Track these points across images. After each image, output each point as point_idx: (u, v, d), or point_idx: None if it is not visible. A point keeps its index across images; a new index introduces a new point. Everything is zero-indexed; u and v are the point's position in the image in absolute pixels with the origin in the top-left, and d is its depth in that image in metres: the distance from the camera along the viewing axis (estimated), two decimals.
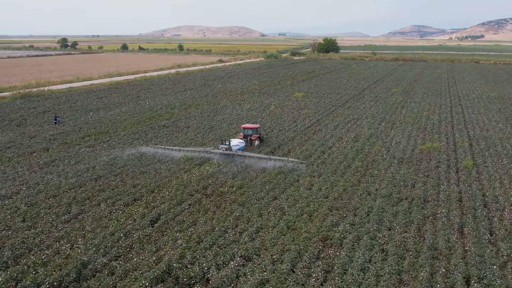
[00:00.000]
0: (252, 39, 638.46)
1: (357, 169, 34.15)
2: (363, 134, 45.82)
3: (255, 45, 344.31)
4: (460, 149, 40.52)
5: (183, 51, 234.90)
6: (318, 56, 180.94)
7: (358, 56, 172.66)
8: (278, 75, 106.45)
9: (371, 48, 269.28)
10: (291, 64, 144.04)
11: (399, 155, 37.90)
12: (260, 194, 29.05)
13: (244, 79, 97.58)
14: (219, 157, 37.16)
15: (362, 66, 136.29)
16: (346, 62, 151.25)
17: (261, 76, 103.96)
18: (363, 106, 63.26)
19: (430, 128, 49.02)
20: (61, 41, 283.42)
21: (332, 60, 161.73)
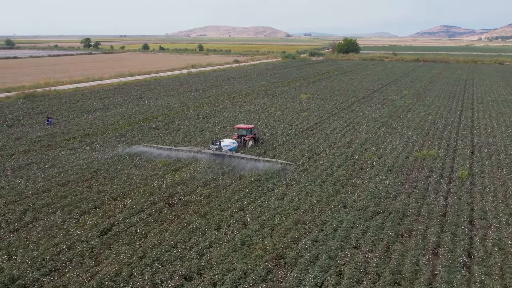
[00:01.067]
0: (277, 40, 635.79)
1: (339, 178, 31.93)
2: (358, 140, 43.43)
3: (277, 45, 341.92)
4: (459, 156, 37.79)
5: (203, 51, 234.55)
6: (337, 56, 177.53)
7: (378, 57, 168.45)
8: (290, 76, 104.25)
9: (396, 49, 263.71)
10: (307, 64, 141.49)
11: (390, 163, 35.44)
12: (227, 204, 27.21)
13: (254, 80, 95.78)
14: (209, 158, 36.47)
15: (380, 67, 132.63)
16: (363, 63, 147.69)
17: (272, 77, 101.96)
18: (368, 109, 60.61)
19: (432, 134, 46.20)
20: (85, 41, 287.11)
21: (350, 61, 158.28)
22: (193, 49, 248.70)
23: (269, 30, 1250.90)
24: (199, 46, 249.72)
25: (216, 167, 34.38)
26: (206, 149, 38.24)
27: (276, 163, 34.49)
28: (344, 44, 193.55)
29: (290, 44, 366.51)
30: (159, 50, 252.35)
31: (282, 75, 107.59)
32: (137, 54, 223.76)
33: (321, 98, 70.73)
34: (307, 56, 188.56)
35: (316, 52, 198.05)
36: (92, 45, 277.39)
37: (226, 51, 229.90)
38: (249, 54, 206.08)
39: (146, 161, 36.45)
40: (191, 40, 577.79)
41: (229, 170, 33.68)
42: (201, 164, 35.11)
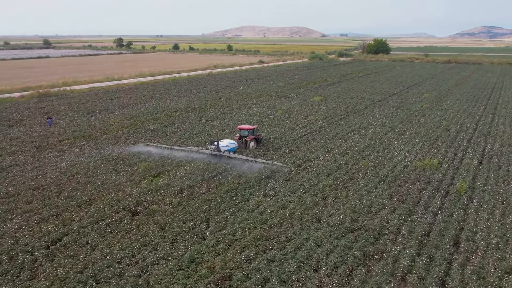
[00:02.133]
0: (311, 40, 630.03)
1: (323, 188, 29.66)
2: (358, 146, 40.87)
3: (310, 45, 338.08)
4: (464, 167, 34.77)
5: (231, 52, 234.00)
6: (366, 57, 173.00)
7: (408, 58, 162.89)
8: (310, 77, 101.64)
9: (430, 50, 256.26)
10: (332, 65, 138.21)
11: (384, 173, 32.87)
12: (192, 215, 25.50)
13: (272, 81, 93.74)
14: (207, 157, 36.35)
15: (407, 68, 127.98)
16: (391, 64, 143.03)
17: (291, 78, 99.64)
18: (380, 113, 57.64)
19: (442, 141, 43.07)
20: (117, 40, 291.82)
21: (378, 62, 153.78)
22: (223, 49, 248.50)
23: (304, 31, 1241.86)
24: (228, 46, 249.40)
25: (197, 173, 32.77)
26: (204, 149, 37.83)
27: (272, 165, 33.92)
28: (374, 44, 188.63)
29: (322, 45, 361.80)
30: (188, 50, 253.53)
31: (303, 76, 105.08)
32: (166, 54, 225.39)
33: (334, 100, 68.07)
34: (335, 57, 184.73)
35: (345, 53, 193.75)
36: (124, 45, 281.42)
37: (255, 51, 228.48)
38: (277, 54, 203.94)
39: (128, 165, 35.19)
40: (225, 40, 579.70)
41: (209, 177, 31.99)
42: (183, 170, 33.61)
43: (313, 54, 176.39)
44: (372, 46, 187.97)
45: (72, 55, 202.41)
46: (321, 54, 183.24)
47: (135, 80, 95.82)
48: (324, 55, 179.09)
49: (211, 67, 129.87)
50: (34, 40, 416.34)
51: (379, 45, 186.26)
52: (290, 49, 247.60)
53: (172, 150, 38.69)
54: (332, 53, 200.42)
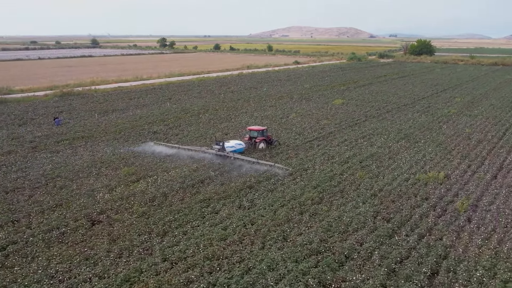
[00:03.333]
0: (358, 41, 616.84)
1: (305, 202, 27.23)
2: (362, 154, 37.92)
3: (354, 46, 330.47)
4: (474, 181, 31.27)
5: (271, 52, 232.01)
6: (407, 58, 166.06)
7: (452, 60, 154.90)
8: (341, 79, 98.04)
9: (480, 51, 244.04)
10: (369, 67, 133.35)
11: (379, 186, 29.98)
12: (151, 226, 23.81)
13: (299, 82, 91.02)
14: (212, 158, 36.31)
15: (448, 70, 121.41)
16: (432, 66, 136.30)
17: (320, 80, 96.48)
18: (401, 118, 53.99)
19: (458, 151, 39.33)
20: (160, 40, 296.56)
21: (419, 64, 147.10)
22: (263, 49, 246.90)
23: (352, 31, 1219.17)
24: (269, 47, 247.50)
25: (178, 180, 31.10)
26: (209, 149, 37.60)
27: (273, 167, 33.43)
28: (417, 45, 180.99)
29: (367, 46, 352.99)
30: (229, 50, 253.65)
31: (334, 78, 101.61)
32: (205, 54, 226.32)
33: (356, 104, 64.73)
34: (375, 58, 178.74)
35: (386, 54, 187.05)
36: (167, 45, 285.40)
37: (295, 52, 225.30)
38: (316, 55, 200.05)
39: (113, 169, 34.04)
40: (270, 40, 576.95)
41: (189, 185, 30.26)
42: (166, 176, 32.06)
43: (352, 55, 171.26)
44: (415, 47, 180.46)
45: (114, 54, 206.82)
46: (361, 55, 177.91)
47: (162, 80, 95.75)
48: (363, 56, 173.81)
49: (243, 67, 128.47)
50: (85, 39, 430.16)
51: (422, 46, 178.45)
52: (331, 50, 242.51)
53: (179, 150, 38.64)
54: (373, 54, 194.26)
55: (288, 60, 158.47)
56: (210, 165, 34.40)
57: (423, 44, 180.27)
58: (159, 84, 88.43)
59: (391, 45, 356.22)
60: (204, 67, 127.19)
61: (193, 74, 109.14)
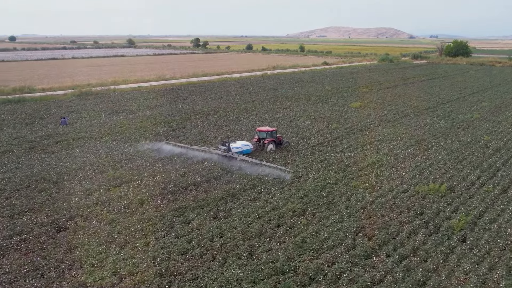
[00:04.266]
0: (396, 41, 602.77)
1: (285, 213, 25.38)
2: (364, 162, 35.61)
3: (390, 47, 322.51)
4: (480, 195, 28.54)
5: (303, 52, 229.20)
6: (442, 60, 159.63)
7: (489, 62, 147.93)
8: (364, 81, 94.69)
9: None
10: (399, 68, 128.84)
11: (372, 198, 27.77)
12: (115, 236, 22.58)
13: (322, 84, 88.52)
14: (218, 158, 35.84)
15: (482, 73, 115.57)
16: (466, 68, 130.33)
17: (344, 81, 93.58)
18: (417, 124, 51.01)
19: (470, 160, 36.40)
20: (194, 40, 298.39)
21: (453, 65, 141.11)
22: (295, 50, 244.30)
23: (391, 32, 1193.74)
24: (300, 47, 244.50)
25: (161, 185, 29.82)
26: (216, 149, 37.12)
27: (276, 169, 32.75)
28: (453, 46, 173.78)
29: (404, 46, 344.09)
30: (261, 50, 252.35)
31: (358, 79, 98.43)
32: (236, 54, 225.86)
33: (374, 107, 61.94)
34: (409, 59, 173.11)
35: (420, 55, 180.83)
36: (200, 45, 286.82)
37: (326, 53, 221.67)
38: (348, 56, 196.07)
39: (100, 172, 33.12)
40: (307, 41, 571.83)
41: (172, 190, 28.97)
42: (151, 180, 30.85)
43: (383, 56, 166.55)
44: (451, 48, 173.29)
45: (146, 54, 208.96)
46: (393, 56, 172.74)
47: (183, 81, 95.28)
48: (396, 57, 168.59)
49: (269, 68, 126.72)
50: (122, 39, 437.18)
51: (459, 47, 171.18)
52: (364, 51, 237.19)
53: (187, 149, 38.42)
54: (407, 56, 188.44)
55: (317, 61, 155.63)
56: (199, 170, 32.99)
57: (459, 45, 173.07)
58: (180, 85, 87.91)
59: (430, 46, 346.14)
60: (230, 68, 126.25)
61: (217, 75, 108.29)
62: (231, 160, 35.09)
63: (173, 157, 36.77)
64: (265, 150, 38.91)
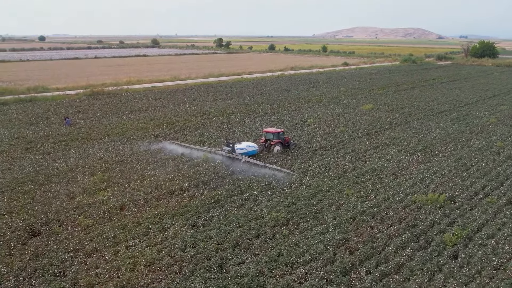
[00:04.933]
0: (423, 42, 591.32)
1: (267, 223, 24.11)
2: (363, 168, 33.98)
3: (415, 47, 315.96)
4: (482, 207, 26.65)
5: (325, 53, 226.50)
6: (467, 61, 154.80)
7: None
8: (383, 82, 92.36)
9: None
10: (421, 69, 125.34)
11: (363, 208, 26.23)
12: (85, 243, 21.74)
13: (337, 85, 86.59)
14: (222, 159, 35.42)
15: (507, 75, 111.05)
16: (491, 70, 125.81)
17: (361, 83, 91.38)
18: (429, 127, 48.88)
19: (477, 168, 34.33)
20: (217, 41, 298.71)
21: (478, 67, 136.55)
22: (317, 50, 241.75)
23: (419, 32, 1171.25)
24: (323, 47, 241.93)
25: (146, 190, 28.98)
26: (220, 150, 36.75)
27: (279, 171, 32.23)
28: (479, 47, 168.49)
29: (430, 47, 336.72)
30: (283, 51, 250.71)
31: (376, 81, 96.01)
32: (258, 54, 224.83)
33: (386, 110, 59.87)
34: (433, 60, 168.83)
35: (444, 56, 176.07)
36: (223, 45, 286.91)
37: (349, 53, 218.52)
38: (371, 56, 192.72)
39: (90, 174, 32.49)
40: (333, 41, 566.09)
41: (156, 195, 28.13)
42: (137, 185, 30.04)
43: (406, 57, 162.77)
44: (477, 49, 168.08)
45: (168, 54, 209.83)
46: (416, 57, 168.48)
47: (197, 81, 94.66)
48: (420, 58, 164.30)
49: (287, 68, 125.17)
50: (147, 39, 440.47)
51: (485, 47, 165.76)
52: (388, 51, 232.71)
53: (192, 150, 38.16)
54: (431, 56, 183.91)
55: (338, 61, 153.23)
56: (189, 175, 32.00)
57: (485, 45, 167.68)
58: (193, 85, 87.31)
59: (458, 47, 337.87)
60: (248, 68, 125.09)
61: (233, 75, 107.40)
62: (235, 162, 34.49)
63: (168, 159, 35.97)
64: (271, 151, 38.20)
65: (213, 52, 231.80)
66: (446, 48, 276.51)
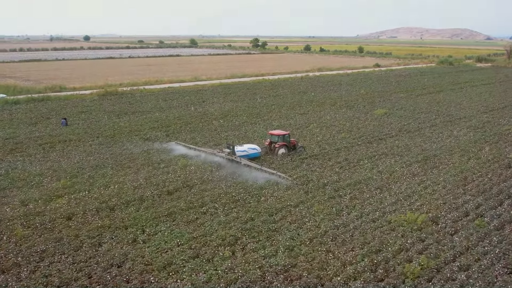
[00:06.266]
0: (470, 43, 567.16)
1: (211, 242, 21.86)
2: (347, 180, 31.06)
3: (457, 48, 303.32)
4: (467, 231, 23.36)
5: (361, 54, 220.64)
6: (508, 63, 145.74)
7: None
8: (407, 85, 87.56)
9: None
10: (456, 72, 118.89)
11: (327, 228, 23.51)
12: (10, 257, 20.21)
13: (358, 88, 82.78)
14: (223, 161, 34.80)
15: None
16: None
17: (386, 85, 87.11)
18: (441, 135, 45.05)
19: (478, 183, 30.69)
20: (253, 41, 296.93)
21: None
22: (353, 51, 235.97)
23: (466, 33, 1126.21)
24: (359, 48, 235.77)
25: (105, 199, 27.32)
26: (220, 152, 35.97)
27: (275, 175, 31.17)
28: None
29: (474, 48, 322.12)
30: (318, 51, 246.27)
31: (403, 83, 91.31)
32: (291, 55, 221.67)
33: (400, 115, 56.08)
34: (472, 62, 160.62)
35: (484, 57, 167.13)
36: (259, 45, 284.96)
37: (386, 54, 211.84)
38: (408, 57, 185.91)
39: (57, 179, 31.28)
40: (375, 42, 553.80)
41: (112, 205, 26.40)
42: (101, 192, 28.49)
43: (443, 59, 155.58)
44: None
45: (201, 54, 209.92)
46: (454, 58, 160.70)
47: (216, 82, 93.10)
48: (458, 60, 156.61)
49: (313, 70, 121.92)
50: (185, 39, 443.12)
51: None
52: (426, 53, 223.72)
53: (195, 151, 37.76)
54: (471, 58, 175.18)
55: (370, 63, 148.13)
56: (158, 183, 30.17)
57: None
58: (210, 86, 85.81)
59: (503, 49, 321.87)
60: (273, 69, 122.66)
61: (255, 76, 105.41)
62: (234, 164, 33.84)
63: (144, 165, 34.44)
64: (276, 154, 36.89)
65: (246, 53, 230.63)
66: (491, 50, 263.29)
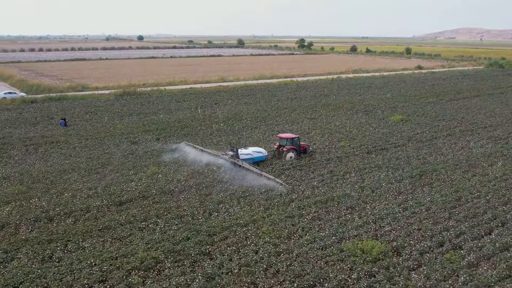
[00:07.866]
0: None
1: (126, 264, 19.63)
2: (317, 197, 27.93)
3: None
4: (433, 266, 19.87)
5: (408, 55, 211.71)
6: None
7: None
8: (442, 89, 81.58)
9: None
10: (502, 75, 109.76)
11: (261, 256, 20.69)
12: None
13: (384, 91, 77.90)
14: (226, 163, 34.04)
15: None
16: None
17: (417, 89, 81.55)
18: (452, 147, 40.52)
19: (470, 206, 26.63)
20: (299, 41, 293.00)
21: None
22: (400, 52, 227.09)
23: None
24: (406, 49, 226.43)
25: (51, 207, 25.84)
26: (224, 155, 35.21)
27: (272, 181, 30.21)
28: None
29: None
30: (364, 52, 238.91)
31: (438, 86, 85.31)
32: (335, 56, 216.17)
33: (417, 122, 51.59)
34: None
35: None
36: (305, 46, 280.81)
37: (435, 55, 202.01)
38: (456, 59, 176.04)
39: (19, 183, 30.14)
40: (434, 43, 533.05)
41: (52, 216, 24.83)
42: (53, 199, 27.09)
43: (493, 61, 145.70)
44: None
45: (243, 54, 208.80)
46: (506, 61, 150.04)
47: (241, 83, 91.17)
48: (509, 62, 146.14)
49: (348, 71, 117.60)
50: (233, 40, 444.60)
51: None
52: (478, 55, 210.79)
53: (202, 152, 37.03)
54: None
55: (412, 64, 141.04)
56: (114, 192, 28.37)
57: None
58: (233, 87, 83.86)
59: None
60: (309, 70, 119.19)
61: (285, 77, 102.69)
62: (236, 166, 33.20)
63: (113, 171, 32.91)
64: (284, 158, 35.92)
65: (290, 53, 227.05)
66: None
